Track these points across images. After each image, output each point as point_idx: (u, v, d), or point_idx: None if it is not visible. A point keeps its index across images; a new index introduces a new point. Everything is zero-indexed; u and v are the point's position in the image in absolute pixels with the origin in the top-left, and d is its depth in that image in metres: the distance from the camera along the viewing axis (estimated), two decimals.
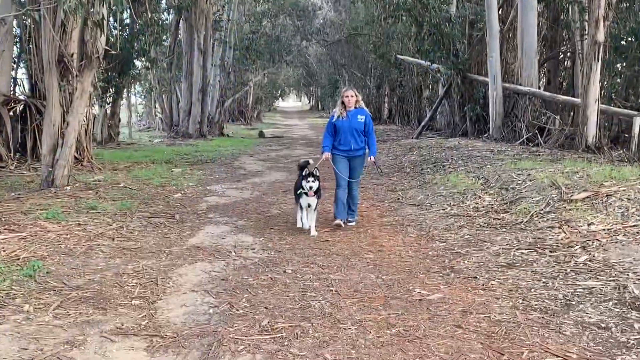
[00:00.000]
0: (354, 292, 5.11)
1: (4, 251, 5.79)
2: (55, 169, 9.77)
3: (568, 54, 19.10)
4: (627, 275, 4.89)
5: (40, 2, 9.49)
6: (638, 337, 3.88)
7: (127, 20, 16.33)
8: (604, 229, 5.97)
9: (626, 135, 13.61)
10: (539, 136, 14.57)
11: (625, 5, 15.15)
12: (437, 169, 11.01)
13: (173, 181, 11.04)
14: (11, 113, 12.86)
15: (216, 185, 10.98)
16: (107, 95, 18.10)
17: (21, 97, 13.54)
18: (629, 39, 14.10)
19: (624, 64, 14.57)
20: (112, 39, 11.99)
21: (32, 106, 12.86)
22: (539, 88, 16.53)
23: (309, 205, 7.20)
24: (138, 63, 18.99)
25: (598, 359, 3.64)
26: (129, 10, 13.27)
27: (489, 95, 16.03)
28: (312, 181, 7.05)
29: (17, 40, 14.20)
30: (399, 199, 9.51)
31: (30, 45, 12.67)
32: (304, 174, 7.14)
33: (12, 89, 13.60)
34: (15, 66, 14.08)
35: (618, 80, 15.23)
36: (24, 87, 14.26)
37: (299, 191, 7.25)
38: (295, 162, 10.60)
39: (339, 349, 3.94)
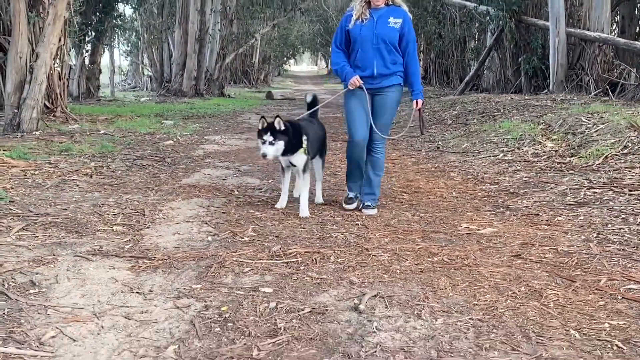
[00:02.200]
0: (385, 227, 4.98)
1: None
2: (22, 110, 9.71)
3: None
4: None
5: None
6: None
7: None
8: None
9: None
10: (610, 92, 14.25)
11: None
12: (486, 119, 10.80)
13: (163, 130, 10.97)
14: None
15: (215, 136, 10.90)
16: (86, 40, 18.09)
17: None
18: None
19: None
20: None
21: None
22: (611, 34, 16.15)
23: (292, 166, 5.46)
24: (122, 6, 18.96)
25: None
26: None
27: (549, 44, 15.69)
28: (271, 141, 5.10)
29: None
30: (438, 147, 9.35)
31: None
32: (261, 126, 5.18)
33: None
34: None
35: None
36: None
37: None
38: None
39: (368, 274, 3.82)
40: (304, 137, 5.29)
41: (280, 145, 5.10)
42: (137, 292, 3.44)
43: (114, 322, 3.02)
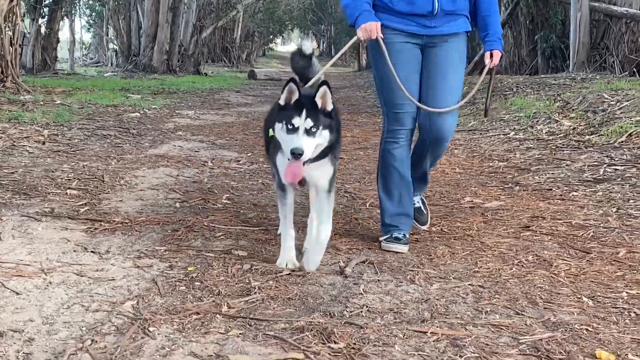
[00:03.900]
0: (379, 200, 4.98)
1: None
2: None
3: None
4: None
5: None
6: None
7: None
8: None
9: None
10: (638, 75, 14.34)
11: None
12: (495, 98, 10.84)
13: (129, 103, 10.94)
14: None
15: (188, 111, 10.88)
16: (42, 4, 18.01)
17: None
18: None
19: None
20: None
21: None
22: None
23: (300, 185, 3.37)
24: None
25: None
26: None
27: (569, 20, 15.76)
28: (311, 127, 3.09)
29: None
30: None
31: None
32: (291, 97, 3.15)
33: None
34: None
35: None
36: None
37: (271, 134, 3.34)
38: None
39: (356, 242, 3.89)
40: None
41: (325, 137, 3.16)
42: (91, 252, 3.44)
43: (64, 279, 3.02)
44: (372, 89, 16.90)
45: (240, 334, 2.52)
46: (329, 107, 3.17)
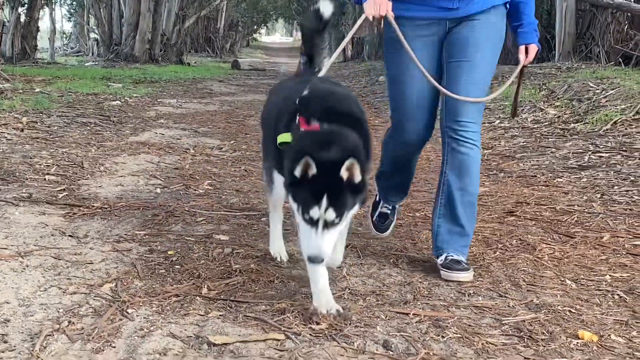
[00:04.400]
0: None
1: None
2: None
3: None
4: None
5: None
6: None
7: None
8: None
9: None
10: (623, 65, 14.42)
11: None
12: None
13: (110, 91, 10.86)
14: None
15: (170, 99, 10.82)
16: None
17: None
18: None
19: None
20: None
21: None
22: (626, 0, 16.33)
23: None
24: None
25: None
26: None
27: (555, 9, 15.83)
28: (333, 219, 2.45)
29: None
30: None
31: None
32: (305, 172, 2.46)
33: None
34: None
35: None
36: None
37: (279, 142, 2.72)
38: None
39: None
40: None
41: (352, 215, 2.61)
42: (69, 236, 3.41)
43: (41, 262, 2.99)
44: (357, 80, 16.92)
45: (220, 315, 2.51)
46: (357, 179, 2.45)
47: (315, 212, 2.39)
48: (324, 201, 2.37)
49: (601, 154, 5.89)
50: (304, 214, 2.42)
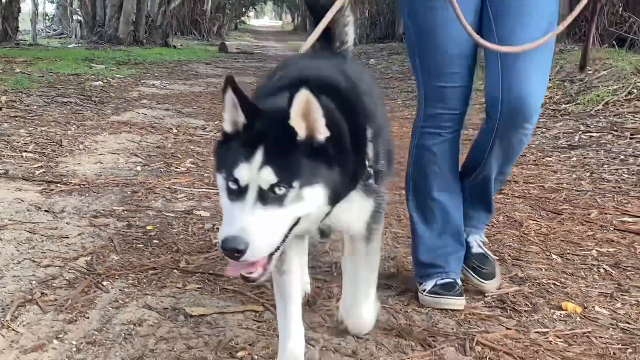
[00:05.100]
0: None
1: None
2: None
3: None
4: None
5: None
6: None
7: None
8: None
9: None
10: (617, 48, 14.44)
11: None
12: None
13: (92, 72, 10.80)
14: None
15: (154, 81, 10.76)
16: None
17: None
18: None
19: None
20: None
21: None
22: None
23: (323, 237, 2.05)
24: None
25: None
26: None
27: None
28: (273, 185, 1.54)
29: None
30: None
31: None
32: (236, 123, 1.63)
33: None
34: None
35: None
36: None
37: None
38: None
39: None
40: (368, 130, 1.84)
41: (314, 199, 1.61)
42: (45, 211, 3.39)
43: (15, 236, 2.98)
44: None
45: (198, 288, 2.51)
46: (321, 132, 1.60)
47: (242, 172, 1.53)
48: (259, 154, 1.53)
49: (592, 134, 5.91)
50: (228, 180, 1.56)
